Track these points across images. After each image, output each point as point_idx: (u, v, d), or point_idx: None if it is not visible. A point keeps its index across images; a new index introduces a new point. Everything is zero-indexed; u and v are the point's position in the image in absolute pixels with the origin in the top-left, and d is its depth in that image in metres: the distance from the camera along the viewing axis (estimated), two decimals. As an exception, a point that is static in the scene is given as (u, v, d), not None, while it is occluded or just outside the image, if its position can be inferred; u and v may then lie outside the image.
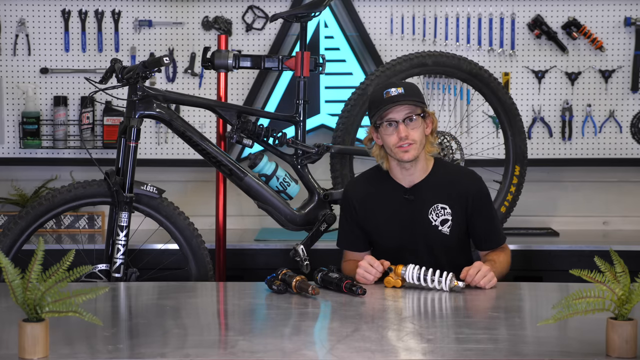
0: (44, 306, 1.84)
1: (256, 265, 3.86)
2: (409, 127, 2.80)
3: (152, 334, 2.14)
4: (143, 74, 3.06)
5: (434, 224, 2.86)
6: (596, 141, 4.35)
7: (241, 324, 2.30)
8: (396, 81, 2.97)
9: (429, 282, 2.61)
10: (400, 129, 2.79)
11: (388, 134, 2.82)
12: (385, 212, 2.89)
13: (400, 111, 2.80)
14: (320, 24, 4.27)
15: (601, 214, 4.42)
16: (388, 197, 2.90)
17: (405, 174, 2.88)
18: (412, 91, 2.83)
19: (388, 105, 2.79)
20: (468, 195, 2.87)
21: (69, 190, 3.05)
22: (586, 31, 4.29)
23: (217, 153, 3.24)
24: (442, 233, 2.86)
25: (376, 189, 2.93)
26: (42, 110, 4.31)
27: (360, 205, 2.92)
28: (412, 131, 2.80)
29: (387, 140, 2.83)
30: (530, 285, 2.86)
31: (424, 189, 2.88)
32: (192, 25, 4.32)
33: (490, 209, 2.92)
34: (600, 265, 1.92)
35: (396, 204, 2.88)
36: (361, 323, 2.23)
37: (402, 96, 2.79)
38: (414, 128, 2.81)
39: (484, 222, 2.89)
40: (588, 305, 1.87)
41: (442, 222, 2.86)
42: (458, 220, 2.86)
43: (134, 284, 2.92)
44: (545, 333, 2.11)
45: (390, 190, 2.90)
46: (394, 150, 2.82)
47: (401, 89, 2.80)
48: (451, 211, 2.86)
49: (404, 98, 2.79)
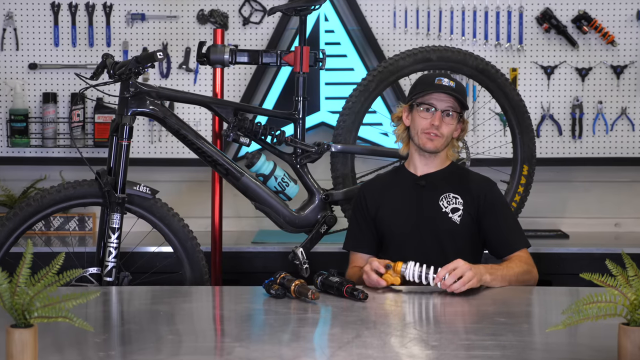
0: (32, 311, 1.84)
1: (253, 268, 3.86)
2: (444, 120, 2.90)
3: (145, 340, 2.14)
4: (136, 69, 3.06)
5: (444, 210, 2.90)
6: (607, 140, 4.35)
7: (238, 330, 2.30)
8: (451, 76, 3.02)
9: (431, 281, 2.59)
10: (436, 116, 2.90)
11: (422, 116, 2.91)
12: (396, 199, 2.97)
13: (444, 101, 2.90)
14: (320, 18, 4.27)
15: (613, 215, 4.42)
16: (400, 185, 2.98)
17: (422, 163, 2.96)
18: (461, 90, 2.95)
19: (437, 90, 2.89)
20: (480, 194, 2.92)
21: (58, 191, 3.05)
22: (597, 25, 4.29)
23: (212, 152, 3.24)
24: (452, 221, 2.89)
25: (389, 182, 3.02)
26: (30, 108, 4.31)
27: (370, 197, 2.99)
28: (445, 125, 2.91)
29: (418, 122, 2.92)
30: (538, 289, 2.86)
31: (437, 178, 2.96)
32: (187, 18, 4.33)
33: (505, 210, 2.95)
34: (611, 268, 1.92)
35: (407, 191, 2.96)
36: (363, 329, 2.23)
37: (451, 89, 2.90)
38: (448, 124, 2.91)
39: (497, 223, 2.90)
40: (599, 310, 1.87)
41: (452, 210, 2.90)
42: (470, 212, 2.89)
43: (127, 288, 2.92)
44: (555, 339, 2.11)
45: (402, 178, 2.99)
46: (420, 135, 2.92)
47: (453, 83, 2.93)
48: (463, 201, 2.90)
49: (452, 91, 2.90)
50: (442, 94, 2.90)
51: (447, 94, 2.89)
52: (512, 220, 2.98)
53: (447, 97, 2.90)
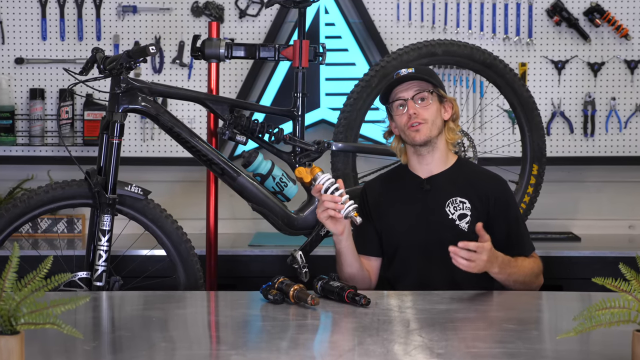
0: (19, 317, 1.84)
1: (250, 273, 3.87)
2: (419, 106, 2.90)
3: (137, 348, 2.15)
4: (127, 64, 3.06)
5: (451, 217, 2.89)
6: (621, 137, 4.35)
7: (234, 337, 2.30)
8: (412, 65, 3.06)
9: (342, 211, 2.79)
10: (409, 105, 2.90)
11: (399, 114, 2.93)
12: (399, 204, 2.96)
13: (409, 89, 2.91)
14: (321, 10, 4.28)
15: (626, 217, 4.42)
16: (403, 189, 2.97)
17: (422, 163, 2.95)
18: (422, 71, 2.96)
19: (397, 83, 2.91)
20: (490, 196, 2.90)
21: (46, 192, 3.05)
22: (610, 18, 4.29)
23: (207, 151, 3.24)
24: (459, 228, 2.88)
25: (392, 183, 3.02)
26: (17, 104, 4.31)
27: (373, 201, 2.99)
28: (422, 110, 2.90)
29: (399, 122, 2.93)
30: (549, 294, 2.86)
31: (442, 181, 2.94)
32: (181, 11, 4.33)
33: (516, 214, 2.95)
34: (625, 272, 1.92)
35: (411, 195, 2.95)
36: (365, 336, 2.23)
37: (411, 75, 2.91)
38: (425, 107, 2.90)
39: (507, 227, 2.90)
40: (612, 316, 1.87)
41: (460, 216, 2.89)
42: (478, 217, 2.87)
43: (117, 293, 2.92)
44: (566, 347, 2.11)
45: (406, 181, 2.98)
46: (406, 132, 2.91)
47: (411, 69, 2.94)
48: (471, 206, 2.88)
49: (413, 76, 2.91)
50: (403, 84, 2.92)
51: (409, 80, 2.91)
52: (520, 222, 2.97)
53: (410, 84, 2.91)
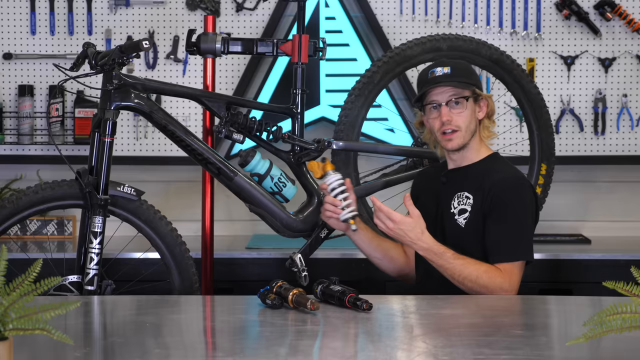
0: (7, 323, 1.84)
1: (248, 276, 3.87)
2: (453, 111, 2.88)
3: (130, 355, 2.15)
4: (120, 60, 3.06)
5: (452, 210, 2.92)
6: (633, 136, 4.35)
7: (231, 343, 2.30)
8: (446, 60, 3.02)
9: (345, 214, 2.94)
10: (442, 112, 2.88)
11: (432, 117, 2.93)
12: (424, 195, 3.03)
13: (444, 93, 2.89)
14: (320, 3, 4.28)
15: (639, 218, 4.42)
16: (434, 179, 3.04)
17: (453, 158, 2.98)
18: (459, 71, 2.91)
19: (432, 85, 2.88)
20: (490, 193, 2.86)
21: (35, 192, 3.05)
22: (622, 11, 4.29)
23: (203, 149, 3.24)
24: (456, 223, 2.90)
25: (432, 170, 3.11)
26: (4, 101, 4.31)
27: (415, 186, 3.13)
28: (456, 116, 2.88)
29: (432, 125, 2.94)
30: (558, 299, 2.86)
31: (460, 174, 2.96)
32: (175, 4, 4.33)
33: (513, 219, 2.85)
34: (637, 276, 1.92)
35: (435, 186, 3.01)
36: (367, 342, 2.23)
37: (446, 76, 2.88)
38: (460, 112, 2.88)
39: (494, 228, 2.84)
40: (624, 322, 1.87)
41: (460, 211, 2.90)
42: (476, 214, 2.87)
43: (110, 297, 2.92)
44: (576, 353, 2.11)
45: (439, 171, 3.04)
46: (439, 138, 2.93)
47: (447, 69, 2.89)
48: (473, 202, 2.90)
49: (447, 79, 2.88)
50: (438, 87, 2.88)
51: (442, 84, 2.87)
52: (515, 229, 2.85)
53: (445, 87, 2.88)
